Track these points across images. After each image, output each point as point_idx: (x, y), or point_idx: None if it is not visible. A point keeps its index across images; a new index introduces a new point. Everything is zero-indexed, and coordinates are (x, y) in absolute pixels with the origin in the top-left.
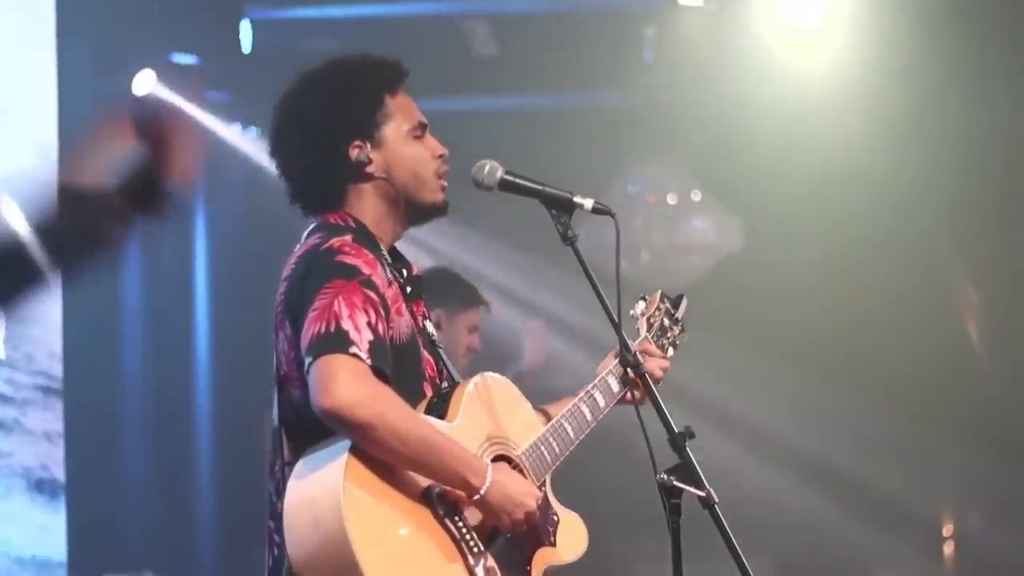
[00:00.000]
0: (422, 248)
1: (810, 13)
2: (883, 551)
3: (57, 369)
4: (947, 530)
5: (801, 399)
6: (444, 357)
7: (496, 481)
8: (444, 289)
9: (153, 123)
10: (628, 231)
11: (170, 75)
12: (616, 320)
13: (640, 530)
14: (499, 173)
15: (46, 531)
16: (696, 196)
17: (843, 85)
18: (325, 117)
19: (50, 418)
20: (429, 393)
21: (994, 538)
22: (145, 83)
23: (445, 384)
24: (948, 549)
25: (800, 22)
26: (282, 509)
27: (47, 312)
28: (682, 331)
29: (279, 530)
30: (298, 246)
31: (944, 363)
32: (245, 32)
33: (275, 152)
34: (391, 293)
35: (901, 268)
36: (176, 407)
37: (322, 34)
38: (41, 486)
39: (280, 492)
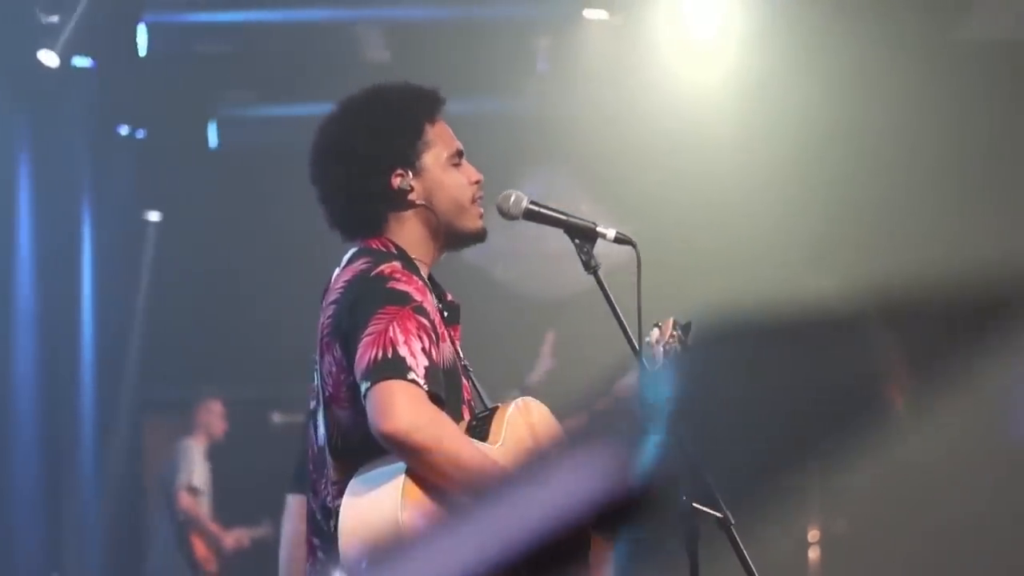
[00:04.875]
0: None
1: (706, 26)
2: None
3: None
4: (812, 536)
5: None
6: (475, 380)
7: None
8: None
9: None
10: (514, 240)
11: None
12: (638, 348)
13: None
14: (524, 203)
15: None
16: (583, 206)
17: (736, 94)
18: (367, 147)
19: None
20: (467, 416)
21: (859, 543)
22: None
23: (475, 406)
24: (813, 555)
25: (696, 34)
26: (329, 527)
27: None
28: None
29: (323, 546)
30: (339, 270)
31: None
32: (141, 36)
33: (316, 178)
34: (438, 319)
35: (794, 271)
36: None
37: (217, 39)
38: None
39: (326, 509)
